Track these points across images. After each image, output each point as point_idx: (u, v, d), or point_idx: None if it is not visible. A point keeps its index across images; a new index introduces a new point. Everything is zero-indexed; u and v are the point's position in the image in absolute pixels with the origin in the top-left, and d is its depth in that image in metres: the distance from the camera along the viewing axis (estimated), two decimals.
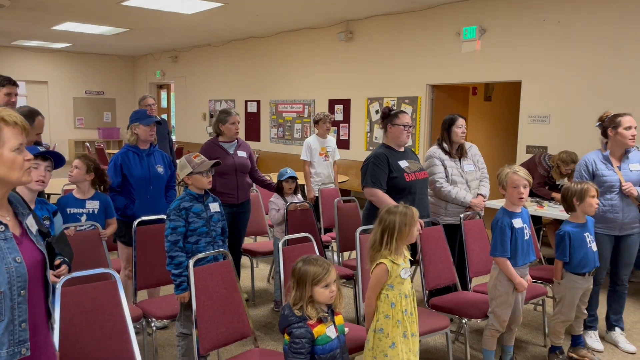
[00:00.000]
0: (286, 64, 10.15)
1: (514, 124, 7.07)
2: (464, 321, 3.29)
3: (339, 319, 2.41)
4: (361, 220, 4.07)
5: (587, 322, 3.72)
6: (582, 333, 3.62)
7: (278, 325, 2.42)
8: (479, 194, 4.13)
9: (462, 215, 3.85)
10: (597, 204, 3.35)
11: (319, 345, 2.29)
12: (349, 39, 8.72)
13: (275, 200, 4.41)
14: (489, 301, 3.24)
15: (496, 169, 3.35)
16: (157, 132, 4.14)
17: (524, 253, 3.16)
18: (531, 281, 3.36)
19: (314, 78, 9.60)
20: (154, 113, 5.57)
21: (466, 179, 4.10)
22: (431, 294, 3.65)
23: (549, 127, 6.46)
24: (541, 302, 3.99)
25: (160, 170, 3.80)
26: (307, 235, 3.27)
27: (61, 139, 14.02)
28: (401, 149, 3.81)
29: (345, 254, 5.01)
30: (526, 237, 3.16)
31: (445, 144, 4.14)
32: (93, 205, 3.62)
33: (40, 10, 8.31)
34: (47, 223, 2.59)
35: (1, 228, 1.56)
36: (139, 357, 2.38)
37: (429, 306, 3.45)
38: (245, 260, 4.97)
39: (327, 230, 5.29)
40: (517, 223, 3.13)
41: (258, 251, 4.68)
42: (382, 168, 3.60)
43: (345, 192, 8.00)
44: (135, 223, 3.42)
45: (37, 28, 10.11)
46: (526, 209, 3.30)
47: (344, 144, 8.95)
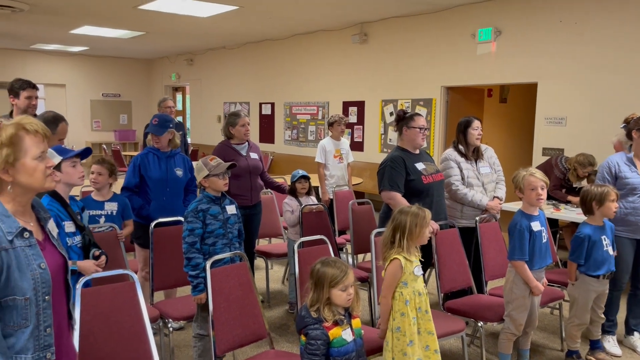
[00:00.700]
0: (300, 66, 10.18)
1: (529, 126, 7.02)
2: (480, 324, 3.27)
3: (356, 323, 2.42)
4: (376, 223, 4.07)
5: (605, 326, 3.68)
6: (600, 338, 3.58)
7: (295, 325, 2.43)
8: (495, 197, 4.10)
9: (478, 218, 3.83)
10: (617, 208, 3.32)
11: (334, 347, 2.30)
12: (364, 41, 8.73)
13: (289, 202, 4.42)
14: (504, 304, 3.22)
15: (512, 171, 3.34)
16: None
17: (541, 256, 3.13)
18: (547, 284, 3.34)
19: (328, 80, 9.61)
20: (174, 115, 5.62)
21: (482, 181, 4.08)
22: (446, 297, 3.64)
23: (565, 129, 6.40)
24: (558, 306, 3.95)
25: (179, 173, 3.82)
26: (323, 237, 3.28)
27: (78, 141, 14.19)
28: (416, 152, 3.80)
29: (360, 256, 5.01)
30: (544, 240, 3.14)
31: (461, 146, 4.12)
32: (111, 207, 3.69)
33: (59, 14, 8.44)
34: (79, 218, 2.67)
35: (26, 235, 1.58)
36: (156, 358, 2.40)
37: (444, 309, 3.44)
38: (260, 262, 4.99)
39: (341, 232, 5.29)
40: (536, 226, 3.11)
41: (273, 253, 4.70)
42: (399, 171, 3.60)
43: (359, 194, 7.99)
44: (152, 225, 3.46)
45: (55, 32, 10.26)
46: (543, 212, 3.28)
47: (358, 146, 8.95)
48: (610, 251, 3.36)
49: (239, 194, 4.18)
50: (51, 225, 1.71)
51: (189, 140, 10.47)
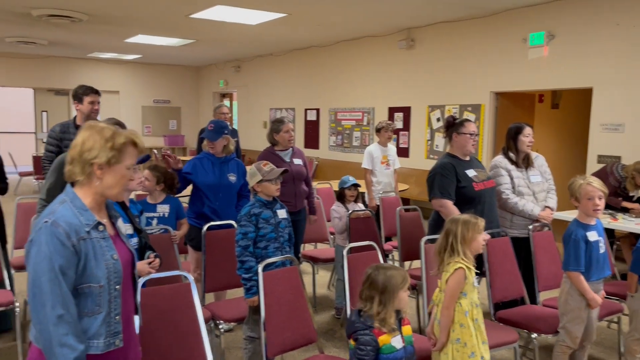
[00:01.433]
0: (346, 72, 10.22)
1: (583, 132, 6.79)
2: (534, 336, 3.19)
3: (406, 330, 2.41)
4: (426, 230, 4.03)
5: None
6: None
7: (345, 330, 2.44)
8: (546, 207, 3.99)
9: (531, 227, 3.75)
10: None
11: (384, 354, 2.29)
12: (410, 46, 8.68)
13: (337, 208, 4.45)
14: (559, 316, 3.13)
15: (564, 179, 3.25)
16: None
17: (598, 267, 3.03)
18: (605, 296, 3.22)
19: (374, 86, 9.61)
20: (228, 121, 5.76)
21: (533, 190, 3.99)
22: (497, 306, 3.56)
23: (623, 136, 6.16)
24: (616, 320, 3.81)
25: (232, 179, 3.90)
26: (372, 243, 3.28)
27: None
28: (466, 158, 3.75)
29: (406, 263, 4.97)
30: (601, 251, 3.04)
31: (511, 154, 4.04)
32: (164, 209, 3.81)
33: (115, 24, 8.79)
34: (137, 221, 2.79)
35: (101, 228, 1.72)
36: (210, 358, 2.46)
37: (495, 319, 3.37)
38: (306, 267, 5.03)
39: (388, 239, 5.27)
40: (592, 236, 3.01)
41: (320, 258, 4.73)
42: (450, 178, 3.56)
43: (405, 201, 7.93)
44: (205, 228, 3.55)
45: (111, 41, 10.69)
46: (600, 221, 3.17)
47: (403, 152, 8.89)
48: None
49: (283, 199, 4.22)
50: (120, 223, 1.83)
51: None
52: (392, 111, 9.23)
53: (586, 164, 6.54)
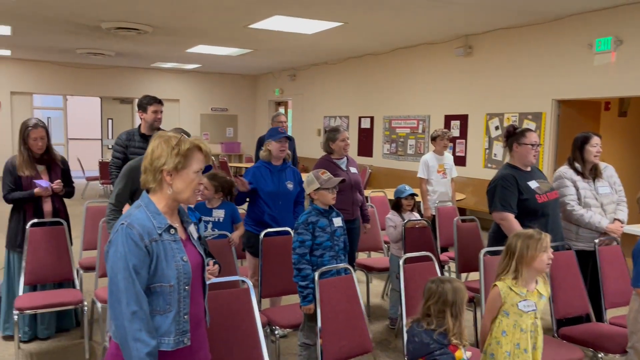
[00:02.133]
0: (401, 79, 10.15)
1: None
2: (600, 355, 3.05)
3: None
4: (485, 241, 3.94)
5: None
6: None
7: (410, 351, 2.36)
8: (615, 219, 3.81)
9: (597, 241, 3.59)
10: None
11: None
12: (468, 53, 8.53)
13: (392, 217, 4.42)
14: (628, 335, 2.97)
15: (632, 191, 3.09)
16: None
17: None
18: None
19: (430, 93, 9.50)
20: (286, 129, 5.86)
21: (601, 202, 3.82)
22: (560, 323, 3.43)
23: None
24: None
25: (290, 186, 3.96)
26: (428, 254, 3.24)
27: None
28: (527, 169, 3.64)
29: (462, 275, 4.86)
30: None
31: (577, 164, 3.89)
32: (219, 214, 3.92)
33: (178, 35, 9.13)
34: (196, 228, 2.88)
35: (172, 231, 1.81)
36: None
37: (558, 336, 3.24)
38: (359, 275, 5.00)
39: (444, 249, 5.18)
40: None
41: (374, 267, 4.71)
42: (511, 190, 3.46)
43: (462, 211, 7.77)
44: (262, 234, 3.61)
45: (173, 51, 11.11)
46: None
47: (460, 161, 8.72)
48: None
49: (341, 207, 4.24)
50: (192, 228, 1.91)
51: None
52: (449, 119, 9.09)
53: None
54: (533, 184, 3.52)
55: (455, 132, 8.89)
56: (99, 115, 14.71)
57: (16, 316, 3.46)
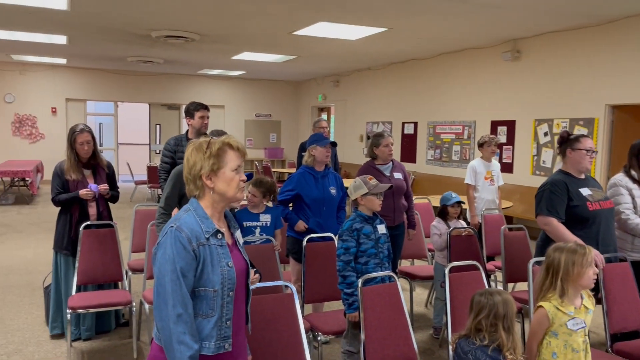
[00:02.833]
0: (446, 85, 10.01)
1: None
2: None
3: None
4: (534, 251, 3.82)
5: None
6: None
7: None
8: None
9: None
10: None
11: None
12: (516, 58, 8.33)
13: (438, 224, 4.34)
14: None
15: None
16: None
17: None
18: None
19: (475, 99, 9.32)
20: (327, 135, 5.89)
21: None
22: (615, 337, 3.27)
23: None
24: None
25: (333, 192, 3.97)
26: (475, 263, 3.16)
27: None
28: (581, 176, 3.51)
29: (509, 285, 4.73)
30: None
31: (634, 172, 3.72)
32: (266, 219, 3.96)
33: (224, 42, 9.32)
34: None
35: (219, 236, 1.82)
36: None
37: (612, 351, 3.10)
38: (402, 283, 4.93)
39: (490, 258, 5.05)
40: None
41: (418, 275, 4.63)
42: (560, 195, 3.34)
43: (508, 219, 7.56)
44: (305, 240, 3.62)
45: (219, 58, 11.34)
46: None
47: (507, 168, 8.51)
48: None
49: (382, 214, 4.21)
50: (238, 234, 1.92)
51: None
52: (495, 125, 8.89)
53: None
54: (585, 191, 3.39)
55: (502, 138, 8.68)
56: (147, 121, 15.16)
57: (69, 315, 3.58)
